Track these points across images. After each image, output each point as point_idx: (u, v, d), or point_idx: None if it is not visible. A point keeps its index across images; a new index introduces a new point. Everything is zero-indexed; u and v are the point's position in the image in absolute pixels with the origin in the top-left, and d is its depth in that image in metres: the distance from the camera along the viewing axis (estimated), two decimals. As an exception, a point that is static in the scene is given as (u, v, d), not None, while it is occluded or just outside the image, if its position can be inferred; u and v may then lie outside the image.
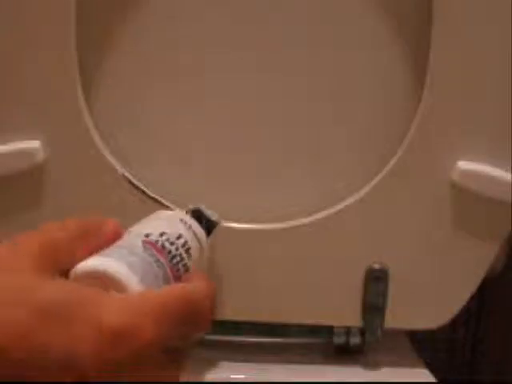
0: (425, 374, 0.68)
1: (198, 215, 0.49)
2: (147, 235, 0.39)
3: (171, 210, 0.54)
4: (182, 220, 0.43)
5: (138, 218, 0.62)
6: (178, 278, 0.39)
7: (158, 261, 0.38)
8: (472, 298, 0.67)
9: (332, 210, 0.65)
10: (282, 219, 0.65)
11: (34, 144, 0.61)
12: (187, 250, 0.40)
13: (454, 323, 0.95)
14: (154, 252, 0.38)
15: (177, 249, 0.40)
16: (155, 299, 0.34)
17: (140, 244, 0.38)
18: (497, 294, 0.95)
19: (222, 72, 0.63)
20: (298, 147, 0.65)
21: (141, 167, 0.64)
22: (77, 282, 0.35)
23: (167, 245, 0.39)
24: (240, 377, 0.67)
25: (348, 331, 0.69)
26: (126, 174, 0.63)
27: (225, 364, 0.68)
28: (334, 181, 0.65)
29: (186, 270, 0.40)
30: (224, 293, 0.66)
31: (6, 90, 0.60)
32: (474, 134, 0.62)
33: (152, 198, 0.64)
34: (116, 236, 0.38)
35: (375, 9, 0.61)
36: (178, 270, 0.39)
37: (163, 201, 0.64)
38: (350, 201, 0.65)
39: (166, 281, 0.38)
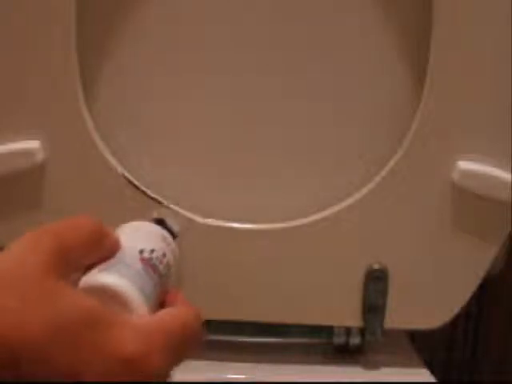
0: (425, 374, 0.68)
1: (159, 224, 0.48)
2: (141, 252, 0.39)
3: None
4: (163, 236, 0.43)
5: (137, 218, 0.62)
6: (162, 293, 0.39)
7: (154, 280, 0.38)
8: (472, 297, 0.67)
9: (332, 210, 0.65)
10: (282, 219, 0.65)
11: (34, 144, 0.61)
12: (169, 269, 0.41)
13: (454, 323, 0.95)
14: (151, 272, 0.38)
15: (164, 268, 0.40)
16: (163, 327, 0.34)
17: (138, 262, 0.38)
18: (497, 294, 0.95)
19: (222, 72, 0.63)
20: (298, 147, 0.65)
21: (141, 167, 0.64)
22: (87, 295, 0.34)
23: (158, 265, 0.39)
24: (240, 377, 0.67)
25: (348, 331, 0.69)
26: (126, 174, 0.63)
27: (225, 364, 0.68)
28: (334, 181, 0.65)
29: (167, 288, 0.40)
30: (224, 293, 0.66)
31: (6, 90, 0.60)
32: (474, 134, 0.62)
33: (152, 198, 0.64)
34: (117, 246, 0.38)
35: (375, 9, 0.61)
36: (163, 289, 0.40)
37: (163, 201, 0.64)
38: (349, 201, 0.65)
39: (158, 297, 0.38)
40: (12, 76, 0.60)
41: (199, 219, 0.65)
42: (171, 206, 0.64)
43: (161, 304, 0.39)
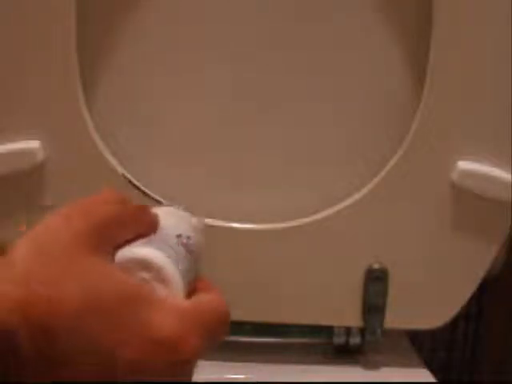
0: (425, 374, 0.68)
1: None
2: (178, 236, 0.38)
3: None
4: (194, 225, 0.42)
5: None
6: (194, 282, 0.39)
7: (191, 264, 0.37)
8: (472, 297, 0.67)
9: (332, 210, 0.65)
10: (282, 219, 0.65)
11: (34, 144, 0.61)
12: (200, 257, 0.41)
13: (454, 323, 0.95)
14: (189, 255, 0.38)
15: (197, 255, 0.40)
16: (199, 310, 0.34)
17: (176, 242, 0.37)
18: (497, 294, 0.95)
19: (222, 72, 0.63)
20: (299, 147, 0.65)
21: (141, 167, 0.64)
22: (124, 268, 0.33)
23: (194, 249, 0.39)
24: (240, 377, 0.67)
25: (348, 331, 0.69)
26: (126, 174, 0.63)
27: (225, 364, 0.68)
28: (334, 181, 0.65)
29: (198, 275, 0.40)
30: (224, 293, 0.66)
31: (6, 90, 0.60)
32: (473, 134, 0.62)
33: (152, 198, 0.64)
34: (156, 224, 0.38)
35: (375, 9, 0.61)
36: (196, 275, 0.39)
37: (163, 201, 0.64)
38: (349, 201, 0.65)
39: (193, 282, 0.38)
40: (12, 76, 0.60)
41: (199, 219, 0.65)
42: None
43: (192, 290, 0.38)
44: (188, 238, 0.39)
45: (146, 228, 0.36)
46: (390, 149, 0.64)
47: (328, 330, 0.69)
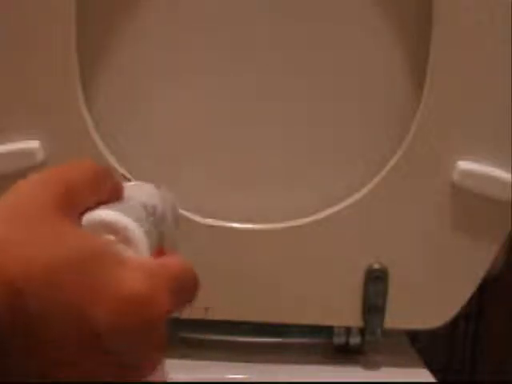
0: (425, 374, 0.68)
1: None
2: (144, 205, 0.39)
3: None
4: (164, 198, 0.43)
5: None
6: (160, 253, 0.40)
7: (156, 231, 0.38)
8: (472, 297, 0.67)
9: (332, 210, 0.65)
10: (281, 219, 0.65)
11: (34, 144, 0.61)
12: (168, 229, 0.41)
13: (454, 323, 0.95)
14: (153, 223, 0.38)
15: (162, 226, 0.40)
16: (167, 269, 0.34)
17: (141, 208, 0.38)
18: (497, 293, 0.95)
19: (222, 72, 0.63)
20: (298, 147, 0.65)
21: (141, 167, 0.64)
22: (92, 231, 0.34)
23: (159, 220, 0.40)
24: (240, 377, 0.67)
25: (348, 331, 0.69)
26: (126, 174, 0.63)
27: (225, 364, 0.68)
28: (334, 181, 0.65)
29: (163, 246, 0.40)
30: (224, 293, 0.66)
31: (6, 90, 0.60)
32: (474, 134, 0.62)
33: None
34: (120, 189, 0.38)
35: (375, 9, 0.61)
36: (161, 246, 0.40)
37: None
38: (349, 201, 0.65)
39: (157, 247, 0.38)
40: (12, 76, 0.60)
41: (199, 219, 0.65)
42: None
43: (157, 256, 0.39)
44: (154, 207, 0.39)
45: (113, 194, 0.37)
46: (390, 149, 0.64)
47: (328, 330, 0.69)
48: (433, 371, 0.68)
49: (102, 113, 0.63)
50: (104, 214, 0.35)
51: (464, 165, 0.62)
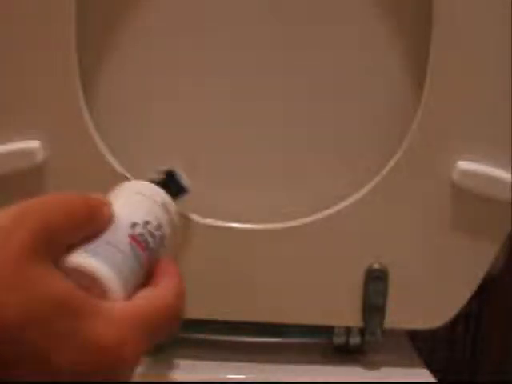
0: (425, 374, 0.68)
1: (169, 177, 0.48)
2: (133, 226, 0.39)
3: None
4: (163, 204, 0.42)
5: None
6: (150, 267, 0.40)
7: (140, 259, 0.38)
8: (472, 298, 0.67)
9: (332, 210, 0.65)
10: (282, 219, 0.65)
11: (34, 144, 0.61)
12: (163, 241, 0.41)
13: (454, 323, 0.95)
14: (139, 251, 0.38)
15: (155, 242, 0.40)
16: (136, 315, 0.35)
17: (127, 241, 0.38)
18: (497, 293, 0.95)
19: (222, 72, 0.63)
20: (298, 147, 0.65)
21: (141, 167, 0.64)
22: (66, 276, 0.34)
23: (149, 239, 0.39)
24: (240, 377, 0.67)
25: (348, 331, 0.69)
26: (126, 174, 0.63)
27: (225, 364, 0.68)
28: (334, 181, 0.65)
29: (157, 257, 0.40)
30: (224, 293, 0.66)
31: (6, 89, 0.60)
32: (473, 134, 0.62)
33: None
34: (109, 222, 0.38)
35: (375, 9, 0.61)
36: (152, 261, 0.40)
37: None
38: (349, 201, 0.65)
39: (142, 274, 0.39)
40: (12, 76, 0.60)
41: (199, 219, 0.65)
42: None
43: (149, 274, 0.39)
44: (146, 223, 0.39)
45: (98, 228, 0.37)
46: (390, 149, 0.64)
47: (328, 330, 0.69)
48: (433, 371, 0.68)
49: (101, 113, 0.63)
50: (79, 260, 0.35)
51: (464, 165, 0.62)
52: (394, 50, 0.62)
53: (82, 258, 0.36)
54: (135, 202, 0.41)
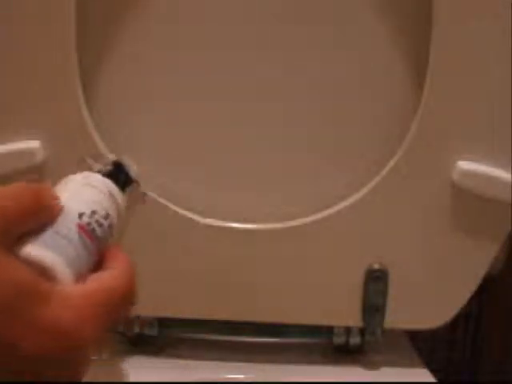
0: (425, 374, 0.68)
1: (117, 168, 0.49)
2: (80, 216, 0.40)
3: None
4: (110, 194, 0.43)
5: (137, 217, 0.62)
6: (99, 255, 0.40)
7: (88, 247, 0.39)
8: (472, 298, 0.67)
9: (332, 210, 0.65)
10: (282, 219, 0.65)
11: (34, 144, 0.61)
12: (111, 229, 0.42)
13: (454, 323, 0.95)
14: (87, 239, 0.39)
15: (103, 231, 0.41)
16: (90, 298, 0.36)
17: (75, 229, 0.39)
18: (497, 294, 0.95)
19: (222, 72, 0.63)
20: (298, 147, 0.65)
21: (140, 167, 0.64)
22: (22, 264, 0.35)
23: (97, 228, 0.41)
24: (240, 377, 0.67)
25: (348, 331, 0.69)
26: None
27: (225, 364, 0.68)
28: (334, 181, 0.65)
29: (105, 247, 0.41)
30: (224, 293, 0.66)
31: (6, 90, 0.60)
32: (474, 134, 0.62)
33: (152, 198, 0.64)
34: (56, 213, 0.39)
35: (375, 9, 0.61)
36: (100, 249, 0.41)
37: (163, 200, 0.64)
38: (349, 201, 0.65)
39: (92, 262, 0.40)
40: (12, 76, 0.60)
41: (199, 219, 0.65)
42: (171, 206, 0.64)
43: (99, 262, 0.40)
44: (93, 212, 0.40)
45: (47, 219, 0.38)
46: (390, 149, 0.64)
47: (328, 330, 0.69)
48: (433, 371, 0.68)
49: (101, 113, 0.63)
50: (28, 250, 0.37)
51: (464, 165, 0.62)
52: (394, 49, 0.62)
53: (31, 249, 0.37)
54: (82, 193, 0.42)
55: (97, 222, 0.41)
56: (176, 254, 0.65)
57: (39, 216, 0.37)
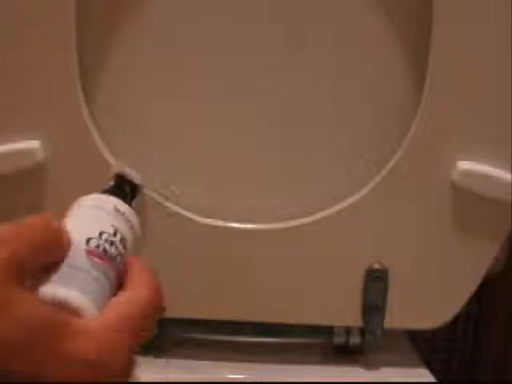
0: (425, 374, 0.68)
1: (119, 180, 0.49)
2: (88, 241, 0.39)
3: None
4: (116, 209, 0.43)
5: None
6: (119, 273, 0.40)
7: (104, 269, 0.39)
8: (472, 298, 0.67)
9: (332, 210, 0.65)
10: (282, 219, 0.65)
11: (34, 144, 0.61)
12: (124, 245, 0.42)
13: (454, 323, 0.95)
14: (99, 262, 0.39)
15: (116, 248, 0.41)
16: (115, 321, 0.35)
17: (85, 257, 0.39)
18: (497, 294, 0.95)
19: (222, 72, 0.63)
20: (298, 147, 0.65)
21: (140, 167, 0.64)
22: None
23: (108, 248, 0.40)
24: (240, 377, 0.67)
25: (348, 331, 0.69)
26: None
27: (225, 364, 0.68)
28: (334, 181, 0.65)
29: (124, 261, 0.41)
30: (224, 293, 0.66)
31: (6, 90, 0.60)
32: (474, 134, 0.62)
33: (151, 198, 0.64)
34: (67, 246, 0.39)
35: (375, 9, 0.61)
36: (119, 267, 0.40)
37: (163, 201, 0.64)
38: (349, 201, 0.65)
39: (112, 286, 0.39)
40: (12, 76, 0.60)
41: (199, 219, 0.65)
42: (171, 206, 0.64)
43: (120, 278, 0.40)
44: (100, 234, 0.40)
45: (59, 255, 0.37)
46: (390, 149, 0.64)
47: (328, 330, 0.69)
48: (433, 371, 0.68)
49: (102, 113, 0.63)
50: (46, 291, 0.36)
51: (464, 165, 0.62)
52: (395, 50, 0.62)
53: (53, 289, 0.37)
54: (87, 217, 0.42)
55: (106, 241, 0.40)
56: (176, 254, 0.65)
57: (51, 252, 0.37)
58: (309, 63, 0.62)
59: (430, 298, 0.67)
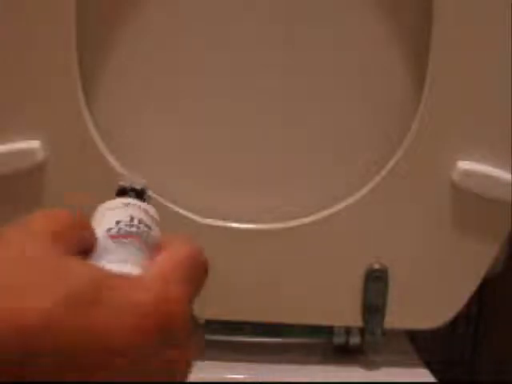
0: (425, 374, 0.68)
1: (123, 189, 0.49)
2: (109, 230, 0.40)
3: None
4: (123, 202, 0.43)
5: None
6: (149, 249, 0.40)
7: (134, 245, 0.39)
8: (472, 298, 0.67)
9: (332, 210, 0.65)
10: (282, 219, 0.65)
11: (34, 144, 0.61)
12: (145, 224, 0.42)
13: (454, 323, 0.95)
14: (125, 240, 0.39)
15: (138, 227, 0.41)
16: (166, 267, 0.35)
17: (110, 241, 0.39)
18: (497, 294, 0.95)
19: (222, 72, 0.63)
20: (298, 147, 0.65)
21: (140, 167, 0.64)
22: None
23: (128, 229, 0.40)
24: (240, 377, 0.67)
25: (348, 331, 0.69)
26: (126, 174, 0.63)
27: (225, 364, 0.68)
28: (334, 181, 0.65)
29: (152, 238, 0.41)
30: (224, 293, 0.66)
31: (6, 90, 0.60)
32: (474, 134, 0.62)
33: (152, 198, 0.64)
34: (94, 236, 0.39)
35: (375, 9, 0.61)
36: (147, 243, 0.40)
37: (163, 201, 0.64)
38: (349, 201, 0.65)
39: (147, 257, 0.39)
40: (12, 76, 0.60)
41: (199, 219, 0.65)
42: (171, 206, 0.64)
43: (152, 253, 0.40)
44: (117, 222, 0.41)
45: (90, 242, 0.37)
46: (390, 149, 0.64)
47: (328, 330, 0.69)
48: (433, 371, 0.68)
49: (102, 113, 0.63)
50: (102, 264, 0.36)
51: (464, 165, 0.62)
52: (395, 50, 0.62)
53: (99, 263, 0.37)
54: (101, 219, 0.42)
55: (126, 225, 0.40)
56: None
57: (87, 238, 0.37)
58: (309, 63, 0.62)
59: (430, 298, 0.67)
